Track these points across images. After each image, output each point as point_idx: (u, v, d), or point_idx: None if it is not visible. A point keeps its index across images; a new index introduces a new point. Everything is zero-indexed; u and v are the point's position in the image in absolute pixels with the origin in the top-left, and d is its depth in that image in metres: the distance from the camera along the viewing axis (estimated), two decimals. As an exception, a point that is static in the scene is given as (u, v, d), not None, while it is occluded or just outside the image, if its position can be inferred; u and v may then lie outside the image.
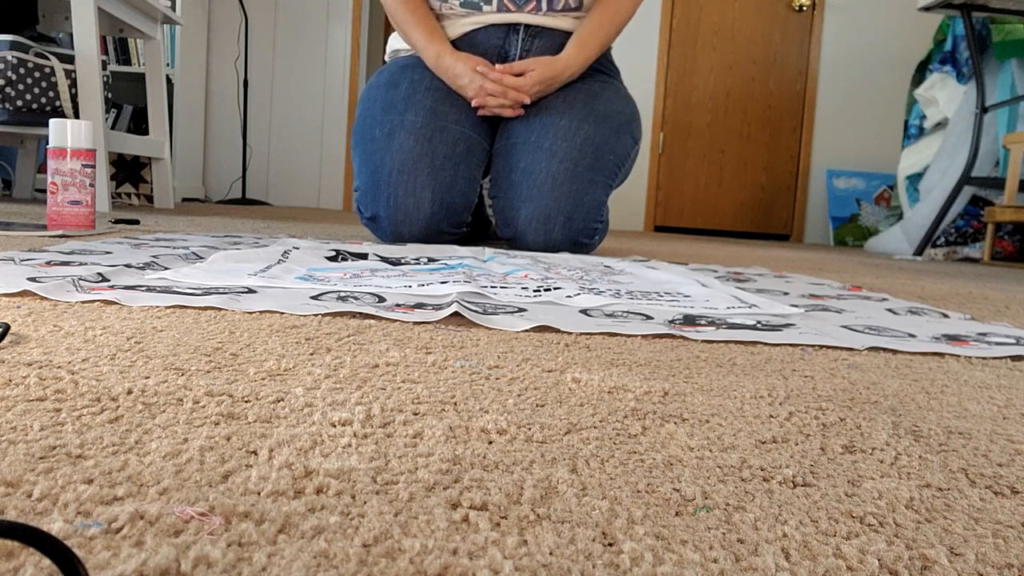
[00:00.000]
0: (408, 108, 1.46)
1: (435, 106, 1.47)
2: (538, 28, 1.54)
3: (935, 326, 0.78)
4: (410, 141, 1.43)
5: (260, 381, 0.41)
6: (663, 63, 4.12)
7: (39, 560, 0.20)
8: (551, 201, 1.42)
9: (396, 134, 1.44)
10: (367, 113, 1.51)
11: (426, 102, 1.47)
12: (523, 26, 1.53)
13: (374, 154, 1.45)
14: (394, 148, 1.43)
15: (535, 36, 1.54)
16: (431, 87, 1.49)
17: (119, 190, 2.99)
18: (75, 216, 1.46)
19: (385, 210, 1.44)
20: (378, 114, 1.48)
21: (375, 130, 1.47)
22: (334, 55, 4.08)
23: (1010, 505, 0.30)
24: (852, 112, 4.13)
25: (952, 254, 2.89)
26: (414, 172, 1.42)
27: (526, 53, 1.54)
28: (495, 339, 0.58)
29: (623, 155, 1.53)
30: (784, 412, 0.41)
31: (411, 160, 1.42)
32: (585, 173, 1.43)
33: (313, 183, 4.16)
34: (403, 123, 1.45)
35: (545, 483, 0.29)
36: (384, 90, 1.51)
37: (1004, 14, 2.68)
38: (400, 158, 1.43)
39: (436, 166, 1.43)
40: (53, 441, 0.30)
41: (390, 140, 1.44)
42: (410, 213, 1.43)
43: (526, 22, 1.53)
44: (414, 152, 1.43)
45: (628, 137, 1.54)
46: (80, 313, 0.57)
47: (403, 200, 1.43)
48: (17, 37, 2.15)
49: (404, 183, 1.42)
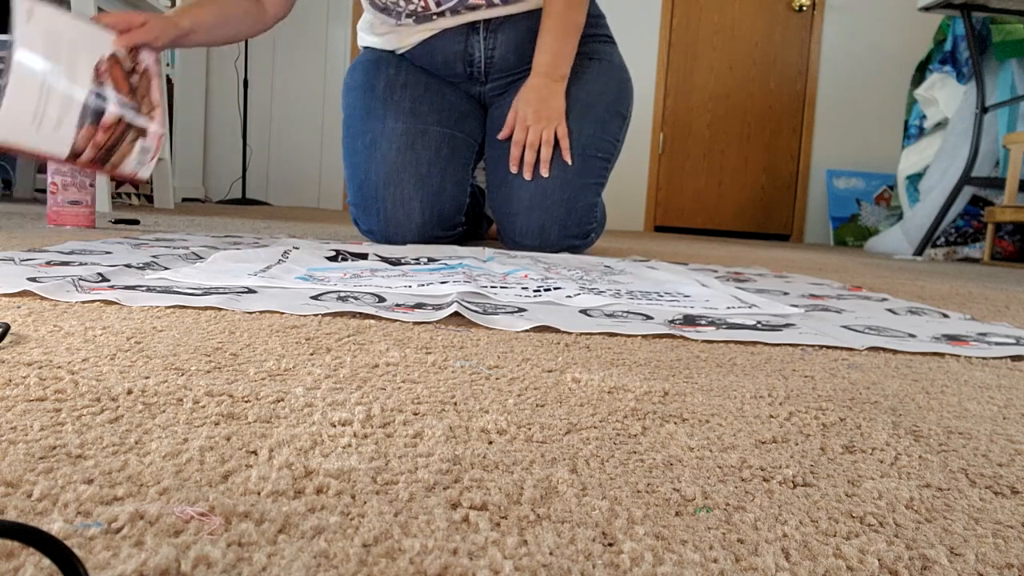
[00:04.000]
0: (387, 114, 1.43)
1: (414, 107, 1.43)
2: (499, 20, 1.44)
3: (935, 326, 0.78)
4: (392, 152, 1.40)
5: (260, 381, 0.41)
6: (663, 63, 4.12)
7: (39, 560, 0.20)
8: (543, 212, 1.41)
9: (378, 144, 1.41)
10: (348, 123, 1.48)
11: (404, 104, 1.43)
12: (482, 23, 1.45)
13: (359, 168, 1.43)
14: (377, 159, 1.40)
15: (496, 30, 1.45)
16: (407, 83, 1.45)
17: (119, 190, 2.99)
18: (75, 216, 1.46)
19: (376, 224, 1.42)
20: (358, 123, 1.45)
21: (357, 141, 1.44)
22: (334, 55, 4.08)
23: (1010, 505, 0.30)
24: (852, 112, 4.13)
25: (952, 254, 2.89)
26: (399, 183, 1.40)
27: (491, 52, 1.47)
28: (495, 339, 0.58)
29: (611, 145, 1.48)
30: (784, 412, 0.41)
31: (395, 171, 1.40)
32: (575, 179, 1.41)
33: (313, 183, 4.16)
34: (384, 132, 1.41)
35: (545, 483, 0.29)
36: (361, 93, 1.47)
37: (1004, 14, 2.68)
38: (384, 170, 1.40)
39: (421, 174, 1.41)
40: (53, 441, 0.30)
41: (372, 151, 1.41)
42: (401, 225, 1.41)
43: (485, 17, 1.44)
44: (397, 163, 1.40)
45: (617, 119, 1.49)
46: (80, 313, 0.57)
47: (392, 213, 1.40)
48: (17, 37, 2.14)
49: (391, 196, 1.40)
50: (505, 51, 1.47)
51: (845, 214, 3.97)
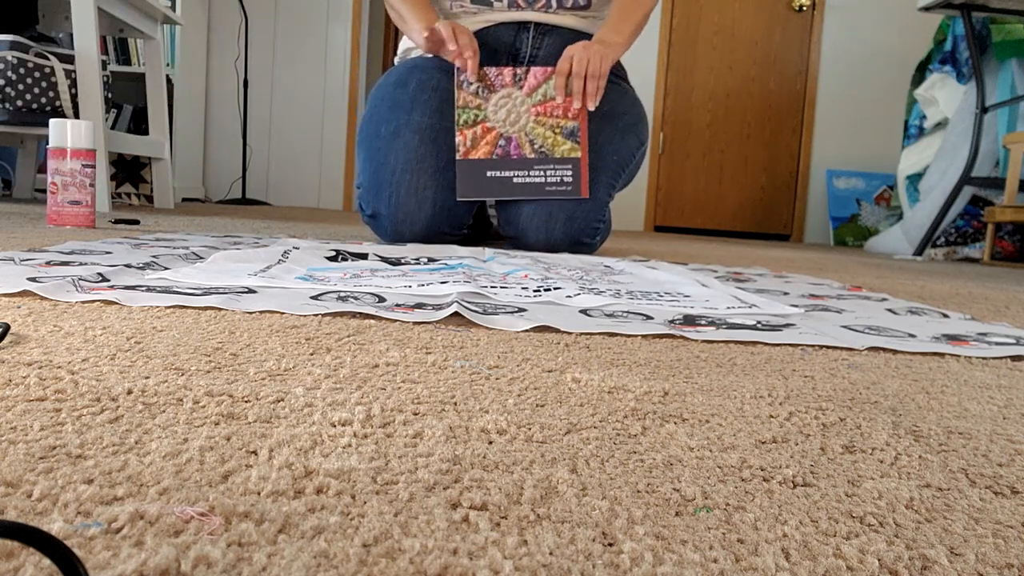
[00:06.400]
0: (415, 108, 1.46)
1: (441, 107, 1.47)
2: (548, 26, 1.55)
3: (935, 326, 0.78)
4: (415, 141, 1.43)
5: (260, 381, 0.41)
6: (663, 63, 4.12)
7: (39, 560, 0.20)
8: (553, 200, 1.43)
9: (401, 133, 1.44)
10: (374, 111, 1.51)
11: (432, 102, 1.47)
12: (533, 24, 1.54)
13: (378, 152, 1.45)
14: (399, 147, 1.43)
15: (545, 34, 1.54)
16: (438, 87, 1.49)
17: (119, 190, 2.99)
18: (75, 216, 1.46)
19: (387, 208, 1.44)
20: (384, 112, 1.48)
21: (380, 128, 1.47)
22: (334, 55, 4.08)
23: (1010, 505, 0.30)
24: (852, 112, 4.13)
25: (952, 254, 2.89)
26: (417, 172, 1.43)
27: (536, 51, 1.55)
28: (495, 339, 0.58)
29: (627, 156, 1.53)
30: (784, 412, 0.41)
31: (415, 160, 1.43)
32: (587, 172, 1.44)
33: (313, 183, 4.16)
34: (409, 122, 1.45)
35: (545, 483, 0.29)
36: (392, 89, 1.52)
37: (1004, 14, 2.68)
38: (404, 157, 1.43)
39: (440, 167, 1.44)
40: (53, 441, 0.30)
41: (395, 139, 1.44)
42: (411, 212, 1.43)
43: (536, 20, 1.54)
44: (418, 152, 1.43)
45: (633, 138, 1.55)
46: (80, 313, 0.57)
47: (405, 199, 1.43)
48: (17, 37, 2.15)
49: (407, 182, 1.43)
50: (548, 54, 1.54)
51: (845, 214, 3.97)
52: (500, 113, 1.45)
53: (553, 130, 1.44)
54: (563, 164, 1.44)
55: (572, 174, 1.43)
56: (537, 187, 1.44)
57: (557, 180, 1.43)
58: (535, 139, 1.44)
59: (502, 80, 1.45)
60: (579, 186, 1.43)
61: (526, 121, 1.45)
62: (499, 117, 1.45)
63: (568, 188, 1.43)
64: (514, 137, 1.44)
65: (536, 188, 1.44)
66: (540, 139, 1.44)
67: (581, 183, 1.43)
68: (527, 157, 1.44)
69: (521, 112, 1.45)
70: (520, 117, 1.45)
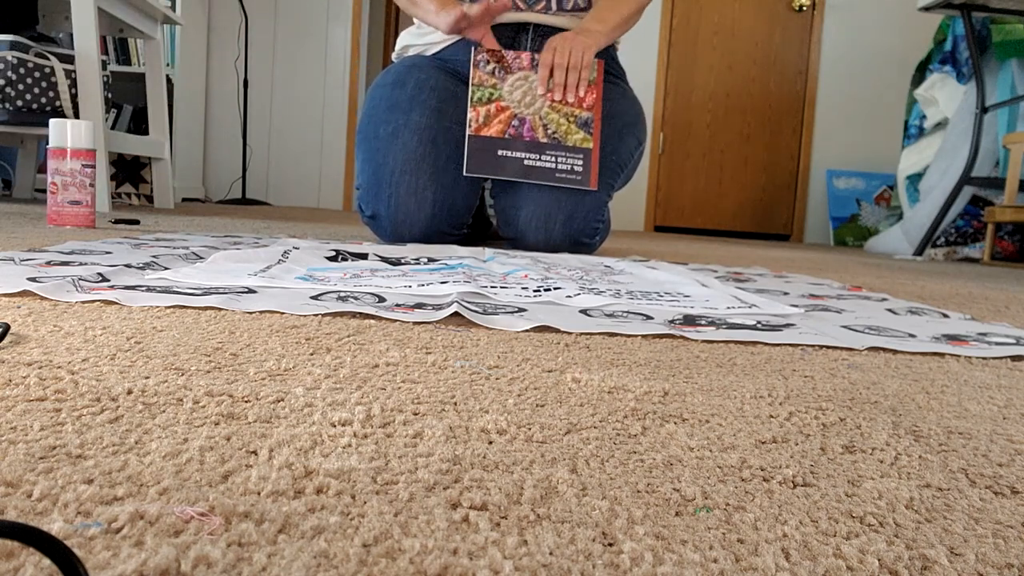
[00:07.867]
0: (413, 108, 1.46)
1: (440, 106, 1.47)
2: (547, 28, 1.54)
3: (935, 326, 0.78)
4: (414, 141, 1.43)
5: (260, 381, 0.41)
6: (663, 63, 4.12)
7: (39, 560, 0.20)
8: (552, 200, 1.43)
9: (400, 133, 1.44)
10: (372, 111, 1.51)
11: (431, 102, 1.47)
12: (532, 26, 1.54)
13: (377, 152, 1.45)
14: (398, 147, 1.43)
15: (544, 36, 1.54)
16: (436, 87, 1.49)
17: (119, 190, 2.99)
18: (75, 216, 1.46)
19: (386, 209, 1.44)
20: (383, 113, 1.48)
21: (379, 128, 1.47)
22: (334, 55, 4.08)
23: (1010, 505, 0.30)
24: (852, 112, 4.13)
25: (952, 254, 2.89)
26: (417, 172, 1.43)
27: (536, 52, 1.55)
28: (495, 339, 0.58)
29: (626, 156, 1.53)
30: (784, 412, 0.41)
31: (414, 160, 1.43)
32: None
33: (313, 183, 4.16)
34: (407, 123, 1.45)
35: (545, 483, 0.29)
36: (390, 89, 1.51)
37: (1004, 14, 2.68)
38: (403, 157, 1.43)
39: (439, 167, 1.44)
40: (53, 441, 0.30)
41: (394, 139, 1.44)
42: (411, 213, 1.43)
43: (536, 21, 1.54)
44: (417, 152, 1.43)
45: (632, 138, 1.55)
46: (80, 313, 0.57)
47: (404, 199, 1.43)
48: (17, 37, 2.15)
49: (407, 183, 1.43)
50: None
51: (845, 214, 3.97)
52: (516, 94, 1.45)
53: (567, 118, 1.44)
54: (575, 153, 1.43)
55: (583, 164, 1.43)
56: (548, 172, 1.43)
57: (568, 168, 1.43)
58: (549, 124, 1.44)
59: (520, 63, 1.45)
60: (589, 177, 1.43)
61: (541, 104, 1.44)
62: (515, 97, 1.45)
63: (578, 178, 1.43)
64: (528, 119, 1.44)
65: (546, 173, 1.43)
66: (554, 125, 1.44)
67: (591, 174, 1.43)
68: (540, 141, 1.44)
69: (537, 95, 1.45)
70: (535, 100, 1.45)
